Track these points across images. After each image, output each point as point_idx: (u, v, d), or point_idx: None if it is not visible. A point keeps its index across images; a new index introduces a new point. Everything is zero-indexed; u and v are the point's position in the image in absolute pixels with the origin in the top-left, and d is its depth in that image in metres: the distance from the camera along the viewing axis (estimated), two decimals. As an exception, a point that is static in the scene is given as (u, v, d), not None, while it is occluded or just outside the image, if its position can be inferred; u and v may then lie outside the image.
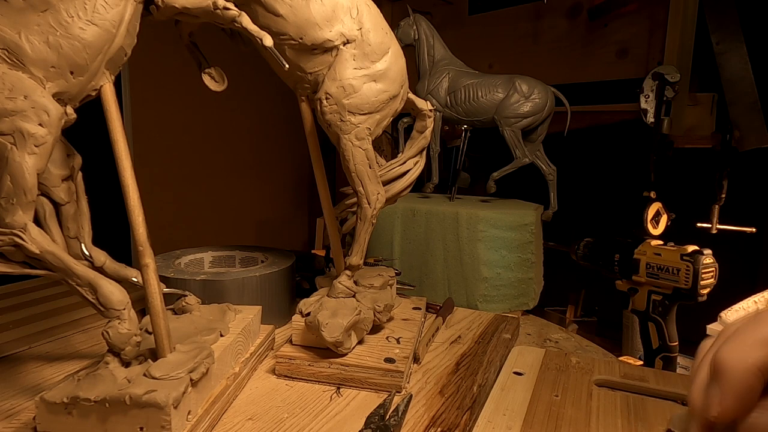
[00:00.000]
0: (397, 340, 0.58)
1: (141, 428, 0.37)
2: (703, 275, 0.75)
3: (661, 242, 0.83)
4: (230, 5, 0.46)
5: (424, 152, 0.66)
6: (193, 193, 1.91)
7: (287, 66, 0.50)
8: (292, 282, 0.73)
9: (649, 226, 0.94)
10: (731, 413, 0.24)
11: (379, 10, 0.56)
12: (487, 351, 0.62)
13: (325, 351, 0.53)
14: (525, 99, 0.94)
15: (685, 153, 1.31)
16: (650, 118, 1.25)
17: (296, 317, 0.55)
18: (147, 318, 0.45)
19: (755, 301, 0.85)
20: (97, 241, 0.50)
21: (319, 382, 0.53)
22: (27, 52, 0.38)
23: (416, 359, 0.58)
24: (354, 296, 0.58)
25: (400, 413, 0.45)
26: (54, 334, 0.65)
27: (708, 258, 0.76)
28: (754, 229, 1.21)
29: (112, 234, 0.74)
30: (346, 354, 0.53)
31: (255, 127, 2.14)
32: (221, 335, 0.51)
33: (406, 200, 0.91)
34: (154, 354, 0.43)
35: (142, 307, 0.45)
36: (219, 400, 0.45)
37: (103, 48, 0.41)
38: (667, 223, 0.96)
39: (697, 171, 1.33)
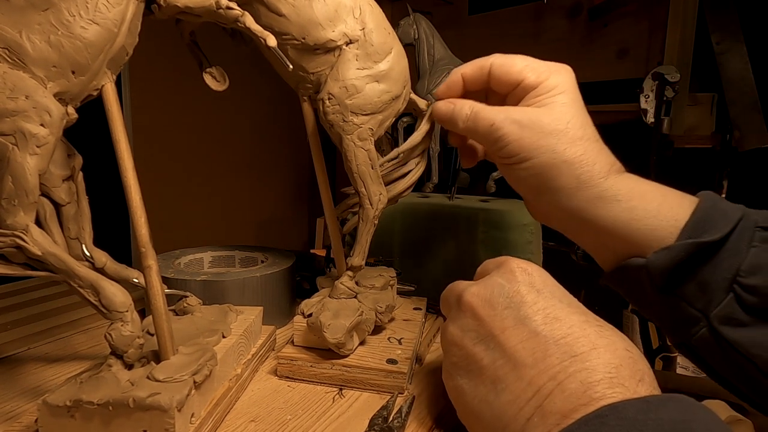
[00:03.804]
0: (399, 341, 0.57)
1: (144, 431, 0.37)
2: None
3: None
4: (233, 5, 0.45)
5: (425, 152, 0.65)
6: (193, 192, 1.90)
7: (291, 66, 0.50)
8: (293, 282, 0.73)
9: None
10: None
11: (381, 10, 0.56)
12: (489, 352, 0.62)
13: (327, 352, 0.53)
14: (526, 99, 0.94)
15: (685, 153, 1.31)
16: (650, 118, 1.25)
17: (298, 318, 0.55)
18: (148, 319, 0.45)
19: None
20: (97, 242, 0.50)
21: (321, 383, 0.52)
22: (28, 51, 0.38)
23: (419, 360, 0.58)
24: (356, 297, 0.58)
25: (403, 415, 0.45)
26: (54, 335, 0.64)
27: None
28: (753, 229, 1.21)
29: (113, 235, 0.74)
30: (348, 355, 0.53)
31: (255, 127, 2.13)
32: (223, 336, 0.51)
33: (405, 200, 0.91)
34: (157, 356, 0.43)
35: (141, 307, 0.45)
36: (222, 402, 0.45)
37: (104, 47, 0.40)
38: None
39: (697, 171, 1.33)
